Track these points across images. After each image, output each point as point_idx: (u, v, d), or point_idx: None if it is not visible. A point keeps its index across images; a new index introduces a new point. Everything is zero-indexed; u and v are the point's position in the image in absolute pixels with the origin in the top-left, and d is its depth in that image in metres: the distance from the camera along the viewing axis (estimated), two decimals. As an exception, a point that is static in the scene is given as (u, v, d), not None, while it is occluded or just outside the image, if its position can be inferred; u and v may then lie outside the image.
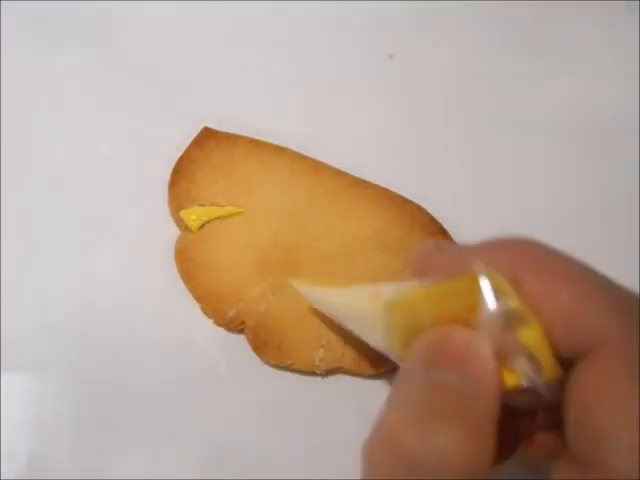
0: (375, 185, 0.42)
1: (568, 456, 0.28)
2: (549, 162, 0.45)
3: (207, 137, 0.42)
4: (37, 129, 0.44)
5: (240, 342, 0.40)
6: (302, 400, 0.39)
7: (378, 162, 0.43)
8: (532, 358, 0.28)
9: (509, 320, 0.27)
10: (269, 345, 0.39)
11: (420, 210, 0.42)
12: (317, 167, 0.42)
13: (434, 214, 0.42)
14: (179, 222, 0.41)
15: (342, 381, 0.40)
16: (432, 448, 0.26)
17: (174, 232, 0.41)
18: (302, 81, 0.45)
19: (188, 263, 0.40)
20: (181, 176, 0.42)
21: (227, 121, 0.43)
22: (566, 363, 0.28)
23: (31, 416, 0.38)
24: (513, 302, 0.27)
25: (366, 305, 0.32)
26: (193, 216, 0.41)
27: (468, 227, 0.42)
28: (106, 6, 0.46)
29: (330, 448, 0.39)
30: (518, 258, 0.29)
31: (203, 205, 0.41)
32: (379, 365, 0.39)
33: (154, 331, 0.40)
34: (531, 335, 0.28)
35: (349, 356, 0.39)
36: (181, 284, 0.40)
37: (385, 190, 0.42)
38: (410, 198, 0.42)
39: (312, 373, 0.39)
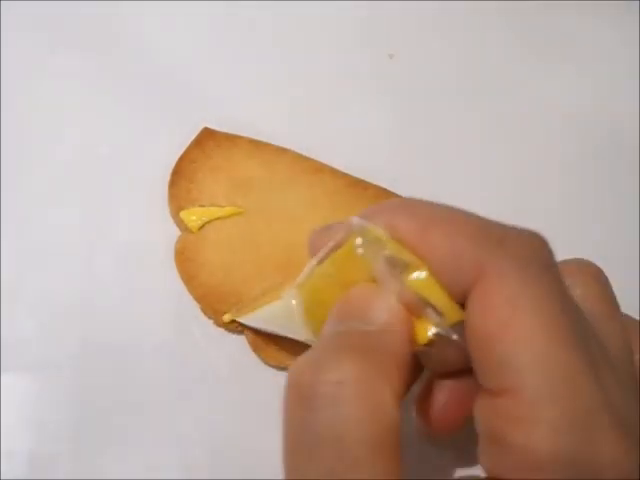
0: (375, 186, 0.42)
1: (482, 392, 0.28)
2: (550, 163, 0.45)
3: (207, 137, 0.42)
4: (37, 129, 0.44)
5: (240, 343, 0.40)
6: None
7: (378, 162, 0.43)
8: (430, 303, 0.28)
9: (395, 268, 0.28)
10: (269, 346, 0.39)
11: (420, 210, 0.42)
12: (317, 167, 0.42)
13: (434, 214, 0.41)
14: (179, 222, 0.41)
15: (342, 382, 0.40)
16: (326, 381, 0.26)
17: (174, 232, 0.41)
18: (302, 81, 0.45)
19: (188, 263, 0.40)
20: (181, 176, 0.42)
21: (227, 121, 0.43)
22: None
23: (31, 416, 0.38)
24: (391, 249, 0.28)
25: (282, 300, 0.33)
26: (193, 216, 0.41)
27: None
28: (106, 6, 0.46)
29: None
30: (394, 210, 0.29)
31: (203, 205, 0.41)
32: (379, 366, 0.39)
33: (154, 332, 0.40)
34: (420, 279, 0.28)
35: (349, 357, 0.39)
36: (181, 284, 0.40)
37: (385, 191, 0.42)
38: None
39: (312, 374, 0.39)
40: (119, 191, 0.42)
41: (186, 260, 0.40)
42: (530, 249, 0.28)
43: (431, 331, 0.28)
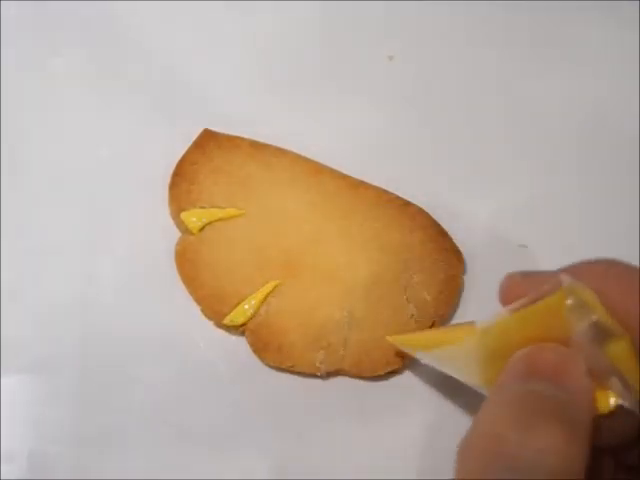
0: (376, 187, 0.42)
1: None
2: (550, 163, 0.45)
3: (208, 139, 0.42)
4: (37, 129, 0.44)
5: (240, 344, 0.40)
6: (302, 402, 0.39)
7: (379, 164, 0.43)
8: (621, 375, 0.28)
9: (598, 334, 0.27)
10: (269, 347, 0.39)
11: (421, 212, 0.42)
12: (318, 169, 0.42)
13: (435, 216, 0.42)
14: (179, 224, 0.41)
15: (342, 383, 0.40)
16: (533, 446, 0.26)
17: (174, 234, 0.41)
18: (302, 82, 0.45)
19: (188, 265, 0.40)
20: (182, 178, 0.42)
21: (228, 123, 0.43)
22: None
23: (31, 417, 0.39)
24: (600, 315, 0.27)
25: (462, 340, 0.32)
26: (194, 218, 0.41)
27: (468, 229, 0.42)
28: (106, 6, 0.46)
29: (331, 450, 0.39)
30: (602, 273, 0.29)
31: (204, 207, 0.41)
32: (379, 367, 0.39)
33: (154, 333, 0.40)
34: (619, 348, 0.28)
35: (350, 358, 0.39)
36: (181, 286, 0.40)
37: (386, 192, 0.42)
38: (411, 200, 0.42)
39: (313, 375, 0.39)
40: (119, 192, 0.42)
41: (186, 261, 0.40)
42: None
43: (613, 401, 0.28)
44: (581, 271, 0.30)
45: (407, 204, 0.42)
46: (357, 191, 0.42)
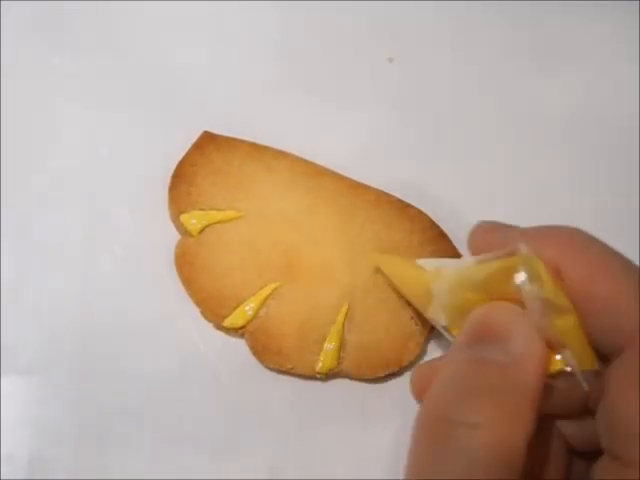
0: (375, 189, 0.42)
1: (607, 455, 0.28)
2: (549, 164, 0.45)
3: (207, 141, 0.42)
4: (37, 130, 0.44)
5: (240, 346, 0.40)
6: (302, 404, 0.39)
7: (378, 166, 0.43)
8: (569, 348, 0.28)
9: (547, 308, 0.28)
10: (269, 349, 0.39)
11: (420, 214, 0.42)
12: (317, 171, 0.42)
13: (434, 218, 0.42)
14: (179, 226, 0.41)
15: (342, 385, 0.40)
16: (466, 423, 0.26)
17: (174, 236, 0.41)
18: (302, 85, 0.45)
19: (188, 267, 0.40)
20: (181, 180, 0.42)
21: (227, 125, 0.43)
22: (603, 358, 0.29)
23: (31, 418, 0.39)
24: (549, 290, 0.28)
25: (428, 280, 0.33)
26: (193, 220, 0.41)
27: (468, 231, 0.42)
28: (106, 6, 0.46)
29: (330, 451, 0.39)
30: (563, 245, 0.29)
31: (203, 209, 0.41)
32: (379, 369, 0.39)
33: (154, 335, 0.40)
34: (567, 323, 0.28)
35: (349, 360, 0.39)
36: (181, 288, 0.40)
37: (385, 194, 0.42)
38: (410, 202, 0.42)
39: (312, 377, 0.39)
40: (119, 194, 0.42)
41: (186, 264, 0.40)
42: None
43: (562, 364, 0.29)
44: (544, 236, 0.30)
45: (407, 206, 0.42)
46: (356, 193, 0.42)
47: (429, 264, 0.35)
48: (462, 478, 0.26)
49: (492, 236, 0.33)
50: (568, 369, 0.29)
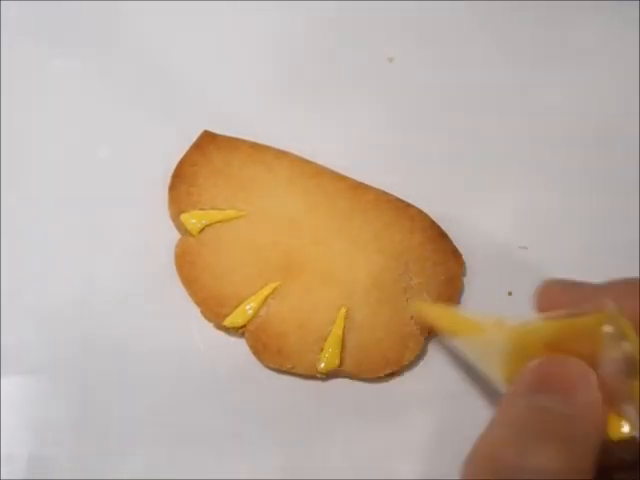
0: (375, 189, 0.42)
1: None
2: (549, 165, 0.45)
3: (207, 141, 0.42)
4: (37, 130, 0.44)
5: (240, 346, 0.40)
6: (302, 404, 0.39)
7: (378, 166, 0.43)
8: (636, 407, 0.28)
9: (626, 367, 0.28)
10: (269, 349, 0.39)
11: (420, 214, 0.42)
12: (317, 171, 0.42)
13: (434, 218, 0.42)
14: (179, 226, 0.41)
15: (342, 385, 0.40)
16: (530, 466, 0.26)
17: (174, 236, 0.41)
18: (302, 84, 0.45)
19: (188, 267, 0.40)
20: (181, 180, 0.42)
21: (227, 125, 0.43)
22: None
23: (31, 419, 0.39)
24: (634, 349, 0.27)
25: (488, 331, 0.33)
26: (193, 220, 0.41)
27: (468, 231, 0.42)
28: (106, 6, 0.46)
29: (330, 451, 0.39)
30: None
31: (203, 209, 0.41)
32: (379, 369, 0.39)
33: (154, 335, 0.40)
34: None
35: (349, 360, 0.39)
36: (181, 288, 0.40)
37: (385, 194, 0.42)
38: (410, 202, 0.42)
39: (312, 377, 0.39)
40: (119, 194, 0.42)
41: (186, 263, 0.40)
42: None
43: (627, 428, 0.28)
44: (624, 293, 0.30)
45: (407, 206, 0.42)
46: (357, 193, 0.42)
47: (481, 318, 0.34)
48: None
49: (563, 296, 0.32)
50: (632, 432, 0.28)
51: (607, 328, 0.28)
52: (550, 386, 0.28)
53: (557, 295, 0.32)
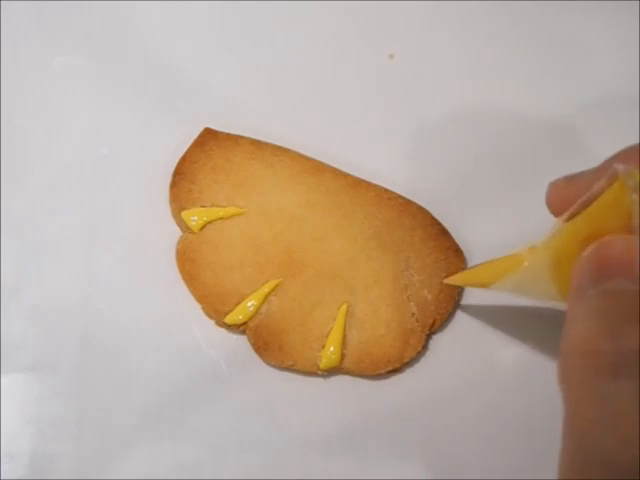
0: (376, 185, 0.42)
1: None
2: (550, 163, 0.45)
3: (208, 138, 0.42)
4: (37, 129, 0.44)
5: (241, 343, 0.40)
6: (303, 401, 0.39)
7: (379, 163, 0.43)
8: None
9: None
10: (270, 346, 0.39)
11: (421, 210, 0.42)
12: (318, 167, 0.42)
13: (435, 215, 0.42)
14: (180, 223, 0.41)
15: (343, 382, 0.40)
16: (628, 349, 0.26)
17: (175, 233, 0.41)
18: (303, 81, 0.45)
19: (189, 264, 0.40)
20: (182, 177, 0.42)
21: (228, 122, 0.43)
22: None
23: (32, 417, 0.39)
24: None
25: (524, 263, 0.33)
26: (194, 217, 0.41)
27: (470, 228, 0.42)
28: (106, 6, 0.46)
29: (331, 448, 0.39)
30: None
31: (204, 206, 0.41)
32: (380, 366, 0.39)
33: (155, 332, 0.40)
34: None
35: (350, 357, 0.39)
36: (182, 285, 0.40)
37: (386, 191, 0.42)
38: (411, 199, 0.42)
39: (313, 374, 0.39)
40: (120, 191, 0.42)
41: (187, 260, 0.40)
42: None
43: None
44: (626, 157, 0.30)
45: (408, 202, 0.42)
46: (358, 189, 0.42)
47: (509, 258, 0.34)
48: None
49: (570, 188, 0.32)
50: None
51: (630, 183, 0.27)
52: (610, 270, 0.28)
53: (565, 191, 0.32)
